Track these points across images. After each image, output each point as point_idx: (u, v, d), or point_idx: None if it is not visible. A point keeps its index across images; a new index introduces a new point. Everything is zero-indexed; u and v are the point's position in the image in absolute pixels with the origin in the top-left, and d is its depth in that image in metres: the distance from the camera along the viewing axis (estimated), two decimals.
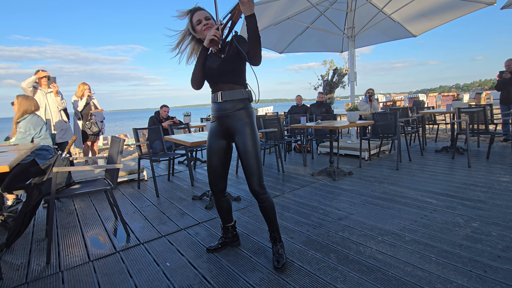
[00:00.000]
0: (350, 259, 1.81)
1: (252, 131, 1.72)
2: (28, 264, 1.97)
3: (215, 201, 1.94)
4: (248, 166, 1.70)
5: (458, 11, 4.84)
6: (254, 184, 1.71)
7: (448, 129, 7.73)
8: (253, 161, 1.69)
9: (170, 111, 5.47)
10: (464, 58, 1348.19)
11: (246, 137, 1.70)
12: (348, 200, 2.88)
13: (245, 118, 1.72)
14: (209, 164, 1.84)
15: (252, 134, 1.72)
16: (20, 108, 2.85)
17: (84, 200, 3.39)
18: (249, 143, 1.70)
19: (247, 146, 1.70)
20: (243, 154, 1.71)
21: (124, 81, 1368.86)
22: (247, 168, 1.71)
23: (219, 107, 1.75)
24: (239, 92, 1.72)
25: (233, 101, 1.71)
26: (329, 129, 3.75)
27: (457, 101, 4.78)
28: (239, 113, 1.72)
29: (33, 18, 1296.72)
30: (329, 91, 12.39)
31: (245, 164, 1.71)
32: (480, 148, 5.11)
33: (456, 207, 2.51)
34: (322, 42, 6.49)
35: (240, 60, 1.70)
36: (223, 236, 2.05)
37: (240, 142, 1.71)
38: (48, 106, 3.87)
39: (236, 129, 1.73)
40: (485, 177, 3.35)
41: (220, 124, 1.77)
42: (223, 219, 2.00)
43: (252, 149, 1.70)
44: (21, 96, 2.91)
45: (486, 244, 1.88)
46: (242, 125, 1.72)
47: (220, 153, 1.82)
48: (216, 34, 1.58)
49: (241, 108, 1.72)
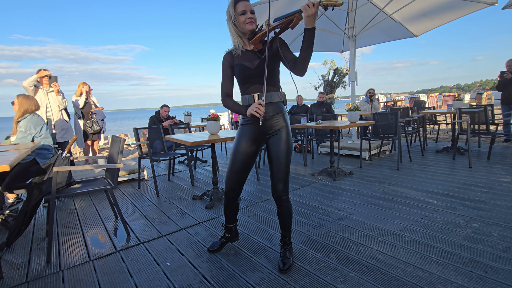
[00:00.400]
0: (350, 259, 1.81)
1: (287, 137, 1.69)
2: (28, 263, 1.97)
3: (226, 202, 1.87)
4: (278, 171, 1.68)
5: (460, 11, 4.83)
6: (279, 190, 1.69)
7: (449, 129, 7.71)
8: (283, 167, 1.67)
9: (170, 110, 5.47)
10: (465, 58, 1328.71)
11: (281, 142, 1.67)
12: (349, 200, 2.88)
13: (282, 122, 1.70)
14: (233, 167, 1.75)
15: (287, 140, 1.69)
16: (20, 107, 2.85)
17: (85, 199, 3.39)
18: (283, 149, 1.67)
19: (280, 152, 1.67)
20: (275, 159, 1.68)
21: (125, 81, 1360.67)
22: (276, 173, 1.68)
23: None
24: (276, 95, 1.69)
25: (272, 104, 1.68)
26: (330, 129, 3.75)
27: (458, 101, 4.77)
28: (277, 117, 1.69)
29: (34, 17, 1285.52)
30: (329, 91, 12.38)
31: (275, 170, 1.69)
32: (481, 148, 5.10)
33: (457, 208, 2.51)
34: (322, 42, 6.48)
35: (277, 61, 1.68)
36: (224, 235, 2.02)
37: (274, 146, 1.68)
38: (49, 105, 3.87)
39: (273, 133, 1.70)
40: (486, 177, 3.34)
41: (256, 127, 1.70)
42: (228, 219, 1.96)
43: (284, 155, 1.67)
44: (22, 95, 2.92)
45: (487, 245, 1.87)
46: (280, 130, 1.69)
47: (247, 158, 1.75)
48: (259, 111, 1.53)
49: (279, 112, 1.70)
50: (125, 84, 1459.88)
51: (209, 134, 3.02)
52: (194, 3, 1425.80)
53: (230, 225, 1.99)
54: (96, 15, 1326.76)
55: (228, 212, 1.92)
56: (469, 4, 4.55)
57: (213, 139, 2.71)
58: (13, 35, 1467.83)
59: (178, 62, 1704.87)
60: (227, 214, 1.93)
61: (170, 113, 5.52)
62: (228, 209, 1.90)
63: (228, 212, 1.92)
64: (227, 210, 1.90)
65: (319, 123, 4.01)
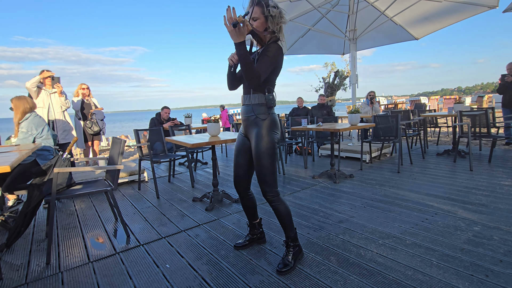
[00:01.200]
0: (351, 262, 1.80)
1: (265, 137, 1.71)
2: (28, 264, 1.97)
3: (240, 200, 1.98)
4: (258, 172, 1.73)
5: (461, 14, 4.84)
6: (263, 191, 1.75)
7: (450, 132, 7.70)
8: (261, 168, 1.70)
9: (171, 112, 5.48)
10: (466, 61, 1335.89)
11: (257, 144, 1.71)
12: (349, 202, 2.87)
13: (259, 123, 1.73)
14: (235, 162, 1.90)
15: (264, 140, 1.70)
16: (17, 110, 2.85)
17: (85, 200, 3.39)
18: (258, 150, 1.70)
19: (256, 153, 1.71)
20: (254, 160, 1.74)
21: (125, 82, 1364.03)
22: (257, 174, 1.74)
23: (242, 110, 1.82)
24: (256, 97, 1.72)
25: (252, 105, 1.74)
26: (330, 131, 3.74)
27: (459, 104, 4.77)
28: (254, 118, 1.74)
29: (36, 19, 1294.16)
30: (330, 94, 12.39)
31: (256, 170, 1.74)
32: (482, 151, 5.09)
33: (458, 211, 2.50)
34: (323, 44, 6.50)
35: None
36: (249, 233, 2.09)
37: (253, 146, 1.74)
38: (52, 107, 3.88)
39: (251, 133, 1.76)
40: (487, 180, 3.33)
41: (242, 126, 1.84)
42: (249, 216, 2.04)
43: (260, 157, 1.70)
44: (15, 98, 2.90)
45: (488, 248, 1.86)
46: (257, 130, 1.73)
47: (245, 153, 1.85)
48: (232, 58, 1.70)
49: (258, 114, 1.73)
50: (126, 85, 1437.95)
51: (209, 136, 3.02)
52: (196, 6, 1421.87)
53: (253, 222, 2.06)
54: (98, 17, 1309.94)
55: (246, 208, 2.00)
56: (470, 7, 4.57)
57: (214, 141, 2.72)
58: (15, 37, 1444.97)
59: (179, 64, 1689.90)
60: (245, 210, 2.02)
61: (171, 114, 5.52)
62: (244, 204, 1.99)
63: (245, 208, 2.01)
64: (243, 206, 2.00)
65: (320, 125, 4.01)
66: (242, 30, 1.49)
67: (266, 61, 1.61)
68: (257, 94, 1.73)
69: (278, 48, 1.66)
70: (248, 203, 1.99)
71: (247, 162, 1.87)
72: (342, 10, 5.15)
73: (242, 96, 1.81)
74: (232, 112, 12.96)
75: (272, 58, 1.63)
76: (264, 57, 1.63)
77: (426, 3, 4.72)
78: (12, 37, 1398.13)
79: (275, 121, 1.77)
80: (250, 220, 2.06)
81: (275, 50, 1.64)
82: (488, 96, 15.78)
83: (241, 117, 1.84)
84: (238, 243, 2.08)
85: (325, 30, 5.49)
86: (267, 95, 1.72)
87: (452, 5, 4.65)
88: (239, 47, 1.52)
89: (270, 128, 1.73)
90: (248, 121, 1.78)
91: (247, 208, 2.00)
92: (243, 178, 1.90)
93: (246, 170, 1.89)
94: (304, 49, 6.49)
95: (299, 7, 5.07)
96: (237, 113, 12.93)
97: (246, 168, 1.88)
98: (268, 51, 1.64)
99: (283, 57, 1.74)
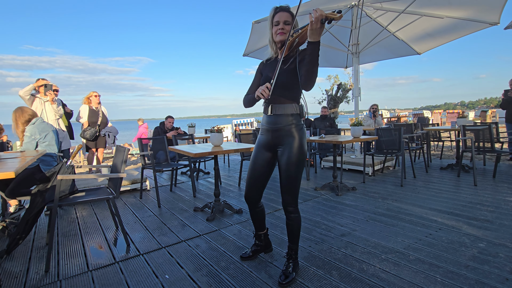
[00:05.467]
0: (353, 277, 1.77)
1: (297, 150, 1.68)
2: (27, 272, 1.95)
3: (249, 210, 1.94)
4: (285, 184, 1.69)
5: (462, 30, 4.90)
6: (286, 202, 1.72)
7: (453, 146, 7.66)
8: (289, 180, 1.67)
9: (174, 121, 5.52)
10: (468, 76, 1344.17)
11: (291, 153, 1.67)
12: (351, 216, 2.84)
13: (294, 133, 1.70)
14: (251, 174, 1.83)
15: (296, 153, 1.68)
16: (16, 121, 2.89)
17: (86, 208, 3.39)
18: (293, 160, 1.67)
19: (287, 164, 1.67)
20: (283, 171, 1.69)
21: (131, 91, 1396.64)
22: (283, 185, 1.70)
23: (269, 120, 1.75)
24: (291, 107, 1.70)
25: (285, 115, 1.70)
26: (333, 143, 3.75)
27: (462, 119, 4.76)
28: (289, 128, 1.70)
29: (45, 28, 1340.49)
30: (333, 106, 12.45)
31: (282, 181, 1.70)
32: (486, 166, 5.04)
33: (462, 226, 2.46)
34: (326, 57, 6.59)
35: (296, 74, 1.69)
36: (255, 243, 2.06)
37: (284, 157, 1.69)
38: (46, 115, 3.85)
39: (284, 144, 1.71)
40: (492, 196, 3.29)
41: (268, 137, 1.76)
42: (256, 227, 2.02)
43: (294, 167, 1.67)
44: (13, 111, 2.94)
45: (493, 266, 1.82)
46: (290, 141, 1.69)
47: (264, 166, 1.80)
48: (264, 93, 1.57)
49: (289, 124, 1.70)
50: (131, 94, 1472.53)
51: (212, 146, 3.03)
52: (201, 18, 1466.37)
53: (259, 233, 2.03)
54: (105, 28, 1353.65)
55: (254, 218, 1.97)
56: (471, 24, 4.63)
57: (216, 151, 2.73)
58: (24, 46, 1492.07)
59: (183, 74, 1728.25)
60: (253, 220, 1.99)
61: (175, 124, 5.57)
62: (253, 215, 1.96)
63: (254, 219, 1.98)
64: (252, 216, 1.97)
65: (323, 137, 4.01)
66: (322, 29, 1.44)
67: None
68: (290, 103, 1.70)
69: None
70: (258, 214, 1.96)
71: (265, 176, 1.82)
72: (345, 25, 5.25)
73: (268, 106, 1.74)
74: (236, 122, 13.00)
75: None
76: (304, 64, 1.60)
77: (428, 19, 4.80)
78: (21, 46, 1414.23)
79: (305, 133, 1.76)
80: (257, 230, 2.04)
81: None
82: (491, 111, 15.74)
83: (267, 127, 1.76)
84: (244, 253, 2.06)
85: (328, 44, 5.58)
86: (301, 105, 1.72)
87: (454, 21, 4.72)
88: (317, 46, 1.46)
89: (304, 139, 1.72)
90: (282, 132, 1.70)
91: (256, 218, 1.97)
92: (257, 191, 1.84)
93: (262, 184, 1.84)
94: None
95: (303, 21, 5.16)
96: (241, 124, 12.96)
97: (262, 181, 1.83)
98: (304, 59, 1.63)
99: None
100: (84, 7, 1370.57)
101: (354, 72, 5.22)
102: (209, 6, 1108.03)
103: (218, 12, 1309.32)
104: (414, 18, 4.80)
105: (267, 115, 1.76)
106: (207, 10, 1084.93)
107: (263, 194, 1.76)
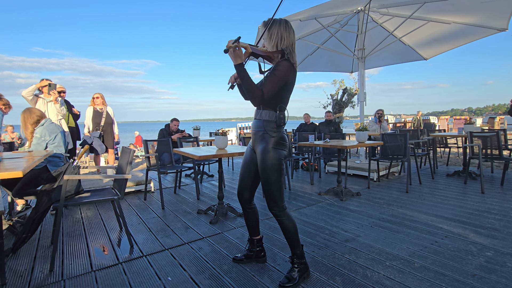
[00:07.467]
0: (356, 283, 1.74)
1: (267, 154, 1.72)
2: (31, 270, 1.97)
3: (242, 211, 1.99)
4: (263, 186, 1.77)
5: (470, 36, 4.87)
6: (269, 205, 1.77)
7: (460, 153, 7.56)
8: (267, 183, 1.73)
9: (180, 124, 5.56)
10: (475, 82, 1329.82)
11: (261, 158, 1.74)
12: (356, 221, 2.81)
13: (265, 139, 1.74)
14: (241, 171, 1.94)
15: (267, 157, 1.72)
16: (24, 123, 2.94)
17: (91, 208, 3.42)
18: (263, 165, 1.73)
19: (262, 167, 1.74)
20: (260, 173, 1.77)
21: (137, 94, 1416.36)
22: (263, 188, 1.78)
23: (253, 124, 1.86)
24: (266, 113, 1.74)
25: (260, 121, 1.76)
26: (338, 148, 3.73)
27: (469, 125, 4.71)
28: (261, 133, 1.76)
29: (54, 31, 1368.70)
30: (338, 110, 12.41)
31: (262, 184, 1.78)
32: (494, 173, 4.96)
33: (469, 234, 2.42)
34: (332, 62, 6.59)
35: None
36: (248, 248, 2.07)
37: (259, 161, 1.77)
38: (48, 115, 3.89)
39: (256, 148, 1.80)
40: (500, 204, 3.23)
41: (252, 140, 1.88)
42: (250, 230, 2.04)
43: (266, 171, 1.72)
44: (22, 112, 2.99)
45: (501, 275, 1.79)
46: (261, 146, 1.75)
47: (250, 165, 1.88)
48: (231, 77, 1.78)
49: (263, 130, 1.75)
50: (137, 97, 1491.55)
51: (216, 149, 3.05)
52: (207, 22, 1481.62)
53: (252, 238, 2.04)
54: (113, 31, 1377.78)
55: (246, 220, 2.01)
56: (479, 29, 4.60)
57: (221, 154, 2.74)
58: (34, 48, 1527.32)
59: (188, 77, 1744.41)
60: (246, 223, 2.03)
61: (180, 126, 5.61)
62: (245, 216, 1.99)
63: (246, 221, 2.01)
64: (245, 218, 2.01)
65: (327, 141, 4.00)
66: (238, 53, 1.55)
67: (272, 79, 1.64)
68: (267, 110, 1.74)
69: (287, 65, 1.66)
70: (250, 216, 1.98)
71: (252, 174, 1.89)
72: (351, 30, 5.25)
73: (255, 110, 1.85)
74: (241, 125, 13.07)
75: (278, 76, 1.64)
76: (271, 75, 1.66)
77: (435, 24, 4.79)
78: (31, 48, 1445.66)
79: (283, 138, 1.77)
80: (250, 235, 2.05)
81: (283, 67, 1.66)
82: (500, 118, 15.53)
83: (251, 130, 1.87)
84: (236, 256, 2.08)
85: (334, 49, 5.59)
86: (278, 113, 1.72)
87: (461, 27, 4.69)
88: (238, 69, 1.59)
89: (276, 144, 1.73)
90: (256, 136, 1.80)
91: (248, 221, 2.00)
92: (247, 189, 1.92)
93: (251, 182, 1.91)
94: (313, 67, 6.59)
95: (309, 26, 5.19)
96: (246, 127, 13.02)
97: (251, 180, 1.91)
98: (276, 69, 1.67)
99: (295, 74, 1.74)
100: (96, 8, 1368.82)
101: (359, 77, 5.22)
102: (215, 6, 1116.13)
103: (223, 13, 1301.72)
104: (420, 24, 4.79)
105: (254, 118, 1.87)
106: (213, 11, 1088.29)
107: (263, 201, 1.77)
